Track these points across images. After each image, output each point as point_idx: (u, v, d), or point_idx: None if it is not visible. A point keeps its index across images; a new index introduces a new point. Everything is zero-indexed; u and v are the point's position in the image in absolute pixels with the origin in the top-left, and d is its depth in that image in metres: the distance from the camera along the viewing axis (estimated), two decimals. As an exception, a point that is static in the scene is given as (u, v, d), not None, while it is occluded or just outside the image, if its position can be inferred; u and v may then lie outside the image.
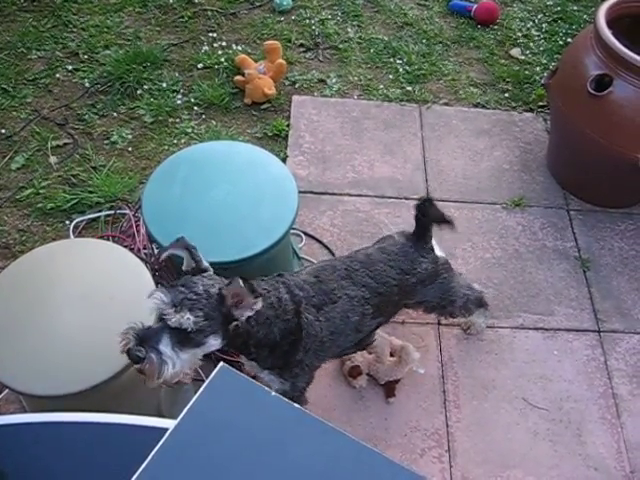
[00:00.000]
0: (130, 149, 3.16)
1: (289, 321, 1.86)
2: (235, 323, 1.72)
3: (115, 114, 3.31)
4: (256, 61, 3.43)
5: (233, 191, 2.30)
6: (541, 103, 3.48)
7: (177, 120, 3.28)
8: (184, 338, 1.65)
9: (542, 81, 3.05)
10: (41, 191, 2.97)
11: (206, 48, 3.62)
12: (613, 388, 2.53)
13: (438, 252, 2.19)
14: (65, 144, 3.19)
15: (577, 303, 2.76)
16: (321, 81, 3.51)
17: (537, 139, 3.35)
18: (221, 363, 1.34)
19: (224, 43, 3.65)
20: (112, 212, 2.84)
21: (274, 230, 2.22)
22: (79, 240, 2.56)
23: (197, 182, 2.33)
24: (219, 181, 2.32)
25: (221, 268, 2.20)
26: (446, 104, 3.46)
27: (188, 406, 1.25)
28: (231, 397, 1.30)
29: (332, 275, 2.00)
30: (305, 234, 2.84)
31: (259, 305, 1.69)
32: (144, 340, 1.64)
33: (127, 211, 2.82)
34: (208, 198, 2.28)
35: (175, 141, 3.18)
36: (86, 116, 3.28)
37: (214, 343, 1.71)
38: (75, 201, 2.91)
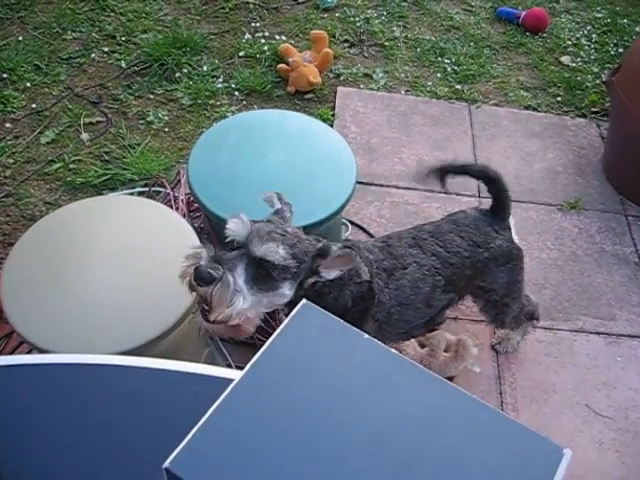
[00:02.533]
0: (166, 130, 3.01)
1: (361, 285, 1.66)
2: (314, 279, 1.53)
3: (151, 95, 3.16)
4: (300, 52, 3.30)
5: (287, 159, 2.13)
6: (594, 109, 3.34)
7: (216, 104, 3.13)
8: (260, 275, 1.45)
9: (604, 78, 2.90)
10: (71, 166, 2.81)
11: (248, 36, 3.49)
12: (682, 399, 2.33)
13: (514, 235, 2.01)
14: (98, 122, 3.04)
15: (639, 309, 2.58)
16: (366, 75, 3.37)
17: (591, 144, 3.20)
18: (304, 300, 1.15)
19: (267, 33, 3.53)
20: (147, 189, 2.67)
21: (332, 200, 2.04)
22: (117, 196, 2.37)
23: (248, 148, 2.16)
24: (272, 148, 2.16)
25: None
26: (496, 105, 3.32)
27: (266, 345, 1.06)
28: (317, 337, 1.10)
29: (400, 242, 1.82)
30: (351, 223, 2.67)
31: (366, 275, 1.50)
32: (218, 261, 1.43)
33: (163, 189, 2.65)
34: (260, 165, 2.11)
35: (214, 124, 3.02)
36: (121, 96, 3.14)
37: (287, 293, 1.50)
38: (107, 177, 2.75)
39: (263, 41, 3.46)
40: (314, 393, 1.03)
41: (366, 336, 1.14)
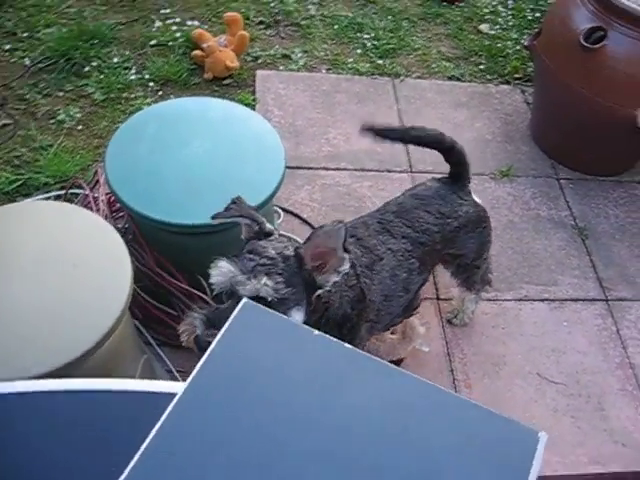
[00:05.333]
0: (80, 127, 2.83)
1: (354, 287, 1.59)
2: (318, 292, 1.42)
3: (61, 93, 2.97)
4: (215, 36, 3.16)
5: (211, 147, 2.01)
6: (517, 75, 3.32)
7: (131, 97, 2.97)
8: None
9: (525, 43, 2.88)
10: (-21, 174, 2.62)
11: (159, 24, 3.33)
12: (630, 358, 2.33)
13: (475, 197, 1.96)
14: (4, 125, 2.83)
15: (580, 272, 2.57)
16: (285, 56, 3.26)
17: (517, 110, 3.18)
18: (244, 300, 1.05)
19: (178, 19, 3.37)
20: (63, 192, 2.50)
21: (263, 187, 1.94)
22: (29, 203, 2.20)
23: (169, 139, 2.03)
24: (194, 137, 2.03)
25: (203, 233, 1.92)
26: (419, 77, 3.26)
27: (208, 353, 0.96)
28: (264, 338, 1.01)
29: (368, 231, 1.73)
30: (283, 210, 2.57)
31: (347, 265, 1.38)
32: (214, 323, 1.33)
33: (81, 191, 2.48)
34: (183, 155, 1.99)
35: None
36: (28, 95, 2.94)
37: (297, 318, 1.40)
38: (19, 183, 2.57)
39: (175, 28, 3.30)
40: (266, 396, 0.94)
41: (316, 332, 1.05)
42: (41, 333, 1.52)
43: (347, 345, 1.03)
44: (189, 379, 0.89)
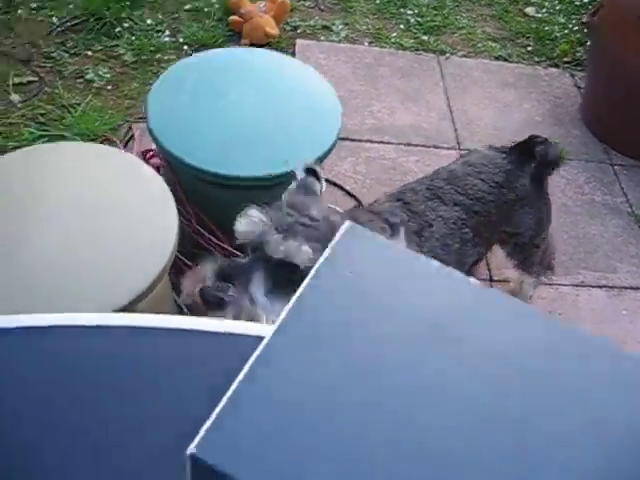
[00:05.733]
0: (109, 88, 2.67)
1: None
2: None
3: (90, 52, 2.82)
4: (253, 2, 3.01)
5: (261, 99, 1.86)
6: (566, 59, 3.17)
7: (164, 59, 2.81)
8: (286, 280, 1.15)
9: (583, 20, 2.73)
10: (1, 129, 2.45)
11: (194, -12, 3.18)
12: (694, 350, 2.17)
13: None
14: (30, 82, 2.68)
15: (639, 260, 2.41)
16: (325, 28, 3.10)
17: (567, 94, 3.02)
18: (347, 222, 0.89)
19: (214, -15, 3.22)
20: (92, 150, 2.34)
21: (318, 142, 1.78)
22: (63, 143, 2.03)
23: (215, 89, 1.87)
24: (242, 87, 1.88)
25: (246, 187, 1.76)
26: (465, 56, 3.11)
27: (307, 281, 0.79)
28: (374, 266, 0.84)
29: (416, 196, 1.57)
30: (326, 181, 2.40)
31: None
32: (229, 277, 1.16)
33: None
34: (230, 106, 1.83)
35: (165, 77, 2.71)
36: (54, 54, 2.78)
37: None
38: (44, 139, 2.40)
39: (211, -8, 3.16)
40: (377, 334, 0.77)
41: (436, 263, 0.88)
42: (79, 285, 1.36)
43: (472, 279, 0.87)
44: (283, 313, 0.73)
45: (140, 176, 1.53)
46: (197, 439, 0.60)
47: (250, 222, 1.19)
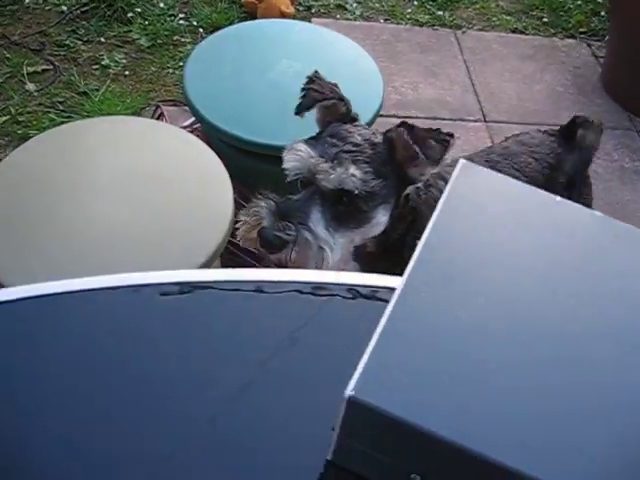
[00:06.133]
0: (127, 73, 2.62)
1: None
2: (408, 191, 1.21)
3: (103, 39, 2.76)
4: (265, -17, 2.96)
5: (302, 68, 1.80)
6: (582, 29, 3.14)
7: (180, 42, 2.76)
8: (344, 212, 1.14)
9: (603, -14, 2.70)
10: (20, 118, 2.40)
11: (203, -29, 3.13)
12: None
13: None
14: (44, 70, 2.62)
15: (675, 224, 2.38)
16: (339, 6, 3.06)
17: (586, 64, 2.99)
18: (462, 160, 0.85)
19: (223, -33, 3.17)
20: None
21: (363, 110, 1.73)
22: (121, 118, 1.98)
23: (254, 59, 1.83)
24: (282, 58, 1.83)
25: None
26: (481, 30, 3.07)
27: (433, 220, 0.77)
28: (495, 202, 0.81)
29: None
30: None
31: (450, 149, 1.13)
32: (285, 215, 1.11)
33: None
34: (271, 76, 1.79)
35: (181, 63, 2.65)
36: (67, 41, 2.73)
37: (382, 220, 1.18)
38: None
39: (222, -26, 3.10)
40: (509, 269, 0.74)
41: (558, 198, 0.85)
42: (136, 257, 1.31)
43: (598, 213, 0.83)
44: (415, 254, 0.70)
45: (194, 150, 1.48)
46: (352, 382, 0.56)
47: (297, 157, 1.15)
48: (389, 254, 1.30)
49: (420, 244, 0.72)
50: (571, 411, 0.55)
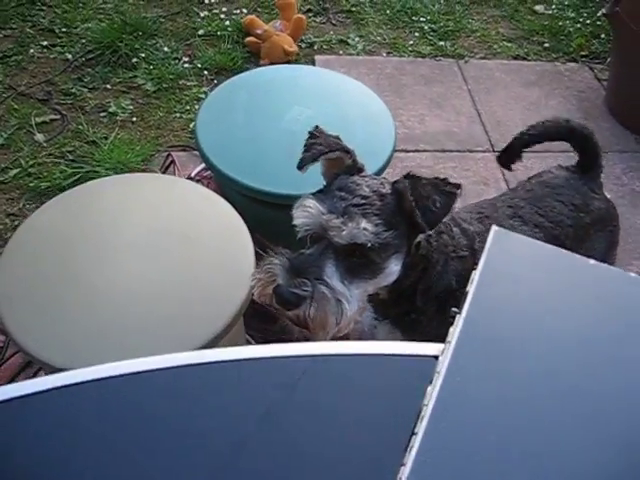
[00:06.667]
0: (134, 119, 2.63)
1: (464, 260, 1.33)
2: (419, 239, 1.21)
3: (108, 86, 2.78)
4: (266, 23, 2.99)
5: (315, 114, 1.81)
6: (583, 53, 3.16)
7: (186, 85, 2.77)
8: (357, 264, 1.14)
9: (603, 11, 2.72)
10: (31, 170, 2.41)
11: (205, 13, 3.15)
12: None
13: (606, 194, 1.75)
14: (52, 120, 2.64)
15: (688, 247, 2.38)
16: (342, 42, 3.08)
17: (590, 87, 3.00)
18: (494, 227, 0.85)
19: (224, 9, 3.19)
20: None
21: (377, 153, 1.74)
22: (136, 175, 1.98)
23: (266, 107, 1.84)
24: (294, 104, 1.84)
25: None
26: (483, 58, 3.09)
27: (471, 294, 0.77)
28: (533, 270, 0.81)
29: (497, 212, 1.51)
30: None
31: (457, 200, 1.14)
32: (300, 271, 1.10)
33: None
34: (284, 123, 1.79)
35: (187, 107, 2.67)
36: (73, 90, 2.75)
37: (395, 269, 1.18)
38: (77, 176, 2.36)
39: (223, 16, 3.13)
40: (550, 343, 0.74)
41: (592, 262, 0.85)
42: (158, 320, 1.31)
43: (633, 275, 0.83)
44: (455, 330, 0.70)
45: (212, 205, 1.49)
46: (407, 469, 0.56)
47: (307, 213, 1.15)
48: (401, 300, 1.31)
49: (461, 319, 0.72)
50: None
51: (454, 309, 0.77)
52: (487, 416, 0.63)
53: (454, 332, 0.71)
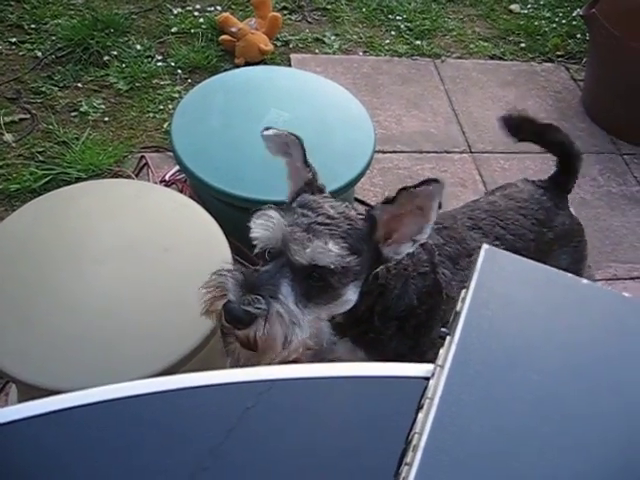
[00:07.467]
0: (106, 119, 2.57)
1: (425, 276, 1.29)
2: (380, 267, 1.16)
3: (79, 84, 2.71)
4: (241, 20, 2.94)
5: (293, 117, 1.78)
6: (559, 53, 3.16)
7: (159, 85, 2.72)
8: (314, 287, 1.07)
9: (580, 12, 2.72)
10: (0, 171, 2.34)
11: (179, 10, 3.10)
12: None
13: (572, 210, 1.73)
14: (21, 120, 2.56)
15: (665, 248, 2.39)
16: (317, 40, 3.05)
17: (566, 88, 3.01)
18: (485, 246, 0.85)
19: (198, 6, 3.14)
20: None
21: (357, 157, 1.71)
22: (111, 181, 1.93)
23: (242, 110, 1.80)
24: (271, 107, 1.80)
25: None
26: (460, 57, 3.08)
27: (464, 312, 0.76)
28: (524, 291, 0.81)
29: (456, 223, 1.47)
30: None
31: (427, 234, 1.10)
32: (254, 287, 1.03)
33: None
34: (260, 127, 1.74)
35: (161, 107, 2.61)
36: (43, 88, 2.67)
37: (352, 299, 1.13)
38: (48, 178, 2.30)
39: (197, 14, 3.07)
40: (543, 365, 0.73)
41: (584, 281, 0.83)
42: (131, 333, 1.27)
43: (627, 294, 0.81)
44: (447, 353, 0.69)
45: (189, 213, 1.45)
46: None
47: (269, 225, 1.08)
48: (359, 322, 1.26)
49: (453, 342, 0.70)
50: None
51: (443, 329, 0.75)
52: (485, 447, 0.62)
53: (446, 355, 0.69)
